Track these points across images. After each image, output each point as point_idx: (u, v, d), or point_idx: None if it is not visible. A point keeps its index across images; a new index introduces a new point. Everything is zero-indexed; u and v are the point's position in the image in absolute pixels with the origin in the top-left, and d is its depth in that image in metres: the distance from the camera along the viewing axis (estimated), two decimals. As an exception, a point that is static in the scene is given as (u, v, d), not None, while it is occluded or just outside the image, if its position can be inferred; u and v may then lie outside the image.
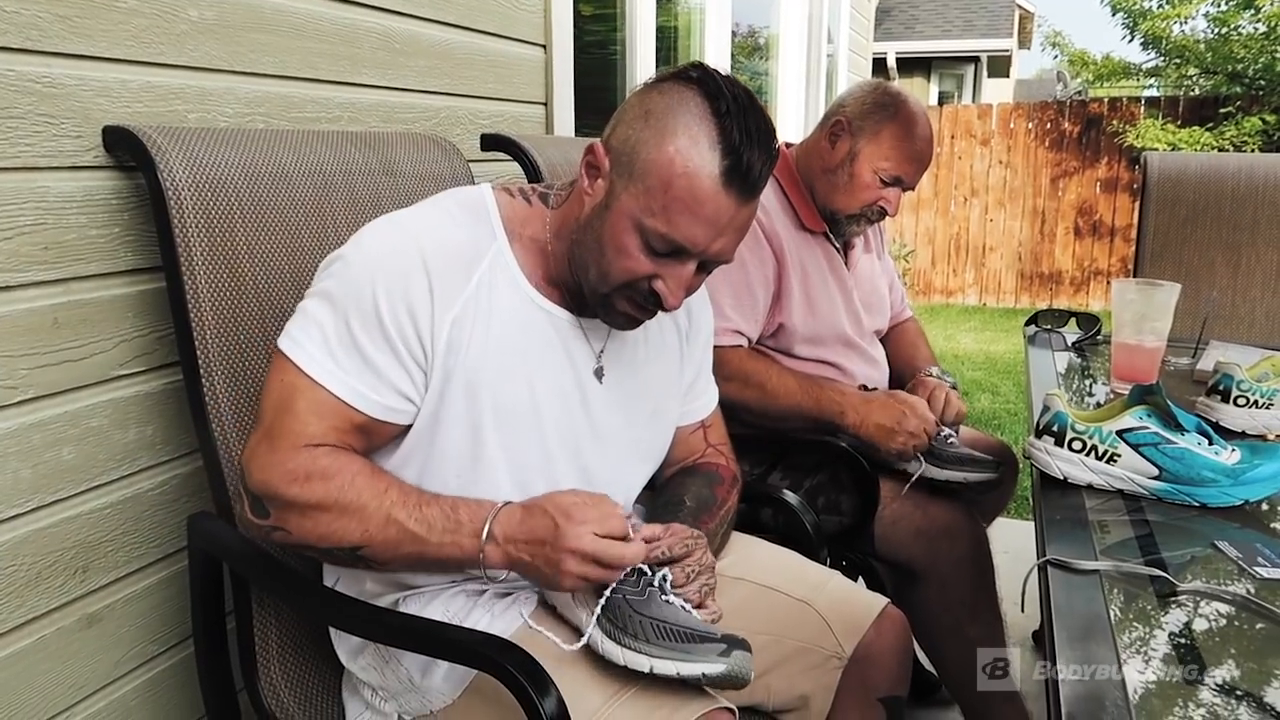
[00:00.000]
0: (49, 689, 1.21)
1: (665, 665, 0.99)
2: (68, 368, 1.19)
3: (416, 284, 1.03)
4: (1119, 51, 11.27)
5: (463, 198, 1.14)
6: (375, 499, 1.01)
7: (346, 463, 1.03)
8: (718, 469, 1.34)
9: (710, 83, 1.03)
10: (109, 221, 1.23)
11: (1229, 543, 1.05)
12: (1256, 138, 7.65)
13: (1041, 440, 1.24)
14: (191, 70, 1.33)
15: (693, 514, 1.21)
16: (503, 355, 1.08)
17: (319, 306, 1.04)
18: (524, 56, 2.13)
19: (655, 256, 1.04)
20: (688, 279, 1.07)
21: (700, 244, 1.03)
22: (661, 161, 1.01)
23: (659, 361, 1.25)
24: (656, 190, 1.01)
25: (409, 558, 1.03)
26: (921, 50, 13.00)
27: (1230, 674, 0.81)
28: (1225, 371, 1.46)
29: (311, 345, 1.03)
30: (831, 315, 1.81)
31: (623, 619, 1.02)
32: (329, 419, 1.03)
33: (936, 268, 9.06)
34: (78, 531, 1.22)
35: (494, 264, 1.10)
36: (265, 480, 1.02)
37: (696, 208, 1.01)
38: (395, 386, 1.05)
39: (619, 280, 1.05)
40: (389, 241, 1.06)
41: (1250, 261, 2.34)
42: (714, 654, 0.99)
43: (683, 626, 1.00)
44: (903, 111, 1.72)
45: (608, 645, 1.02)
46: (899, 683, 1.27)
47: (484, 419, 1.08)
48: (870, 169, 1.73)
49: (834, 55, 4.87)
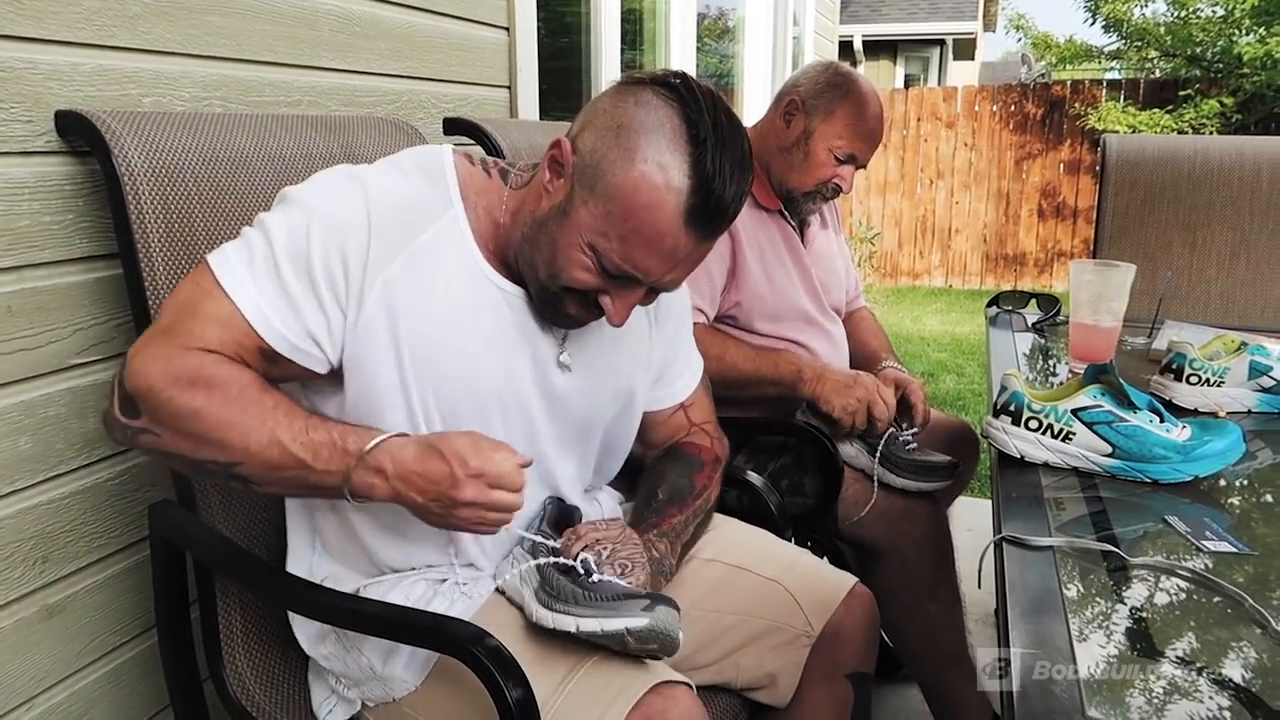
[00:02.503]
0: (9, 681, 1.19)
1: (589, 623, 1.00)
2: (23, 356, 1.18)
3: (354, 235, 1.01)
4: (1082, 34, 11.38)
5: (420, 158, 1.12)
6: (259, 416, 0.96)
7: (236, 374, 0.98)
8: (699, 452, 1.34)
9: (691, 102, 0.99)
10: (63, 208, 1.21)
11: (1179, 518, 1.07)
12: (1214, 120, 7.76)
13: (999, 420, 1.26)
14: (146, 53, 1.31)
15: (662, 507, 1.22)
16: (447, 327, 1.06)
17: (255, 233, 1.03)
18: (487, 39, 2.11)
19: (606, 277, 1.03)
20: (634, 301, 1.06)
21: (654, 275, 1.02)
22: (626, 187, 0.97)
23: (624, 342, 1.23)
24: (617, 216, 0.99)
25: (288, 481, 0.99)
26: (887, 33, 13.03)
27: (1181, 646, 0.83)
28: (1178, 350, 1.49)
29: (236, 260, 1.01)
30: (790, 292, 1.83)
31: (552, 585, 1.05)
32: (229, 331, 0.99)
33: (903, 250, 9.13)
34: (36, 522, 1.21)
35: (445, 230, 1.07)
36: (145, 375, 0.95)
37: (655, 241, 0.99)
38: (306, 326, 1.01)
39: (567, 282, 1.04)
40: (337, 188, 1.05)
41: (1205, 241, 2.39)
42: (637, 609, 1.00)
43: (612, 593, 1.02)
44: (855, 91, 1.75)
45: (540, 613, 1.04)
46: (866, 660, 1.29)
47: (426, 383, 1.06)
48: (825, 147, 1.76)
49: (800, 38, 4.88)
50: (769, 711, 1.28)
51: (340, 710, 1.16)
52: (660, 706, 0.99)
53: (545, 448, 1.18)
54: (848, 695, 1.27)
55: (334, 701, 1.17)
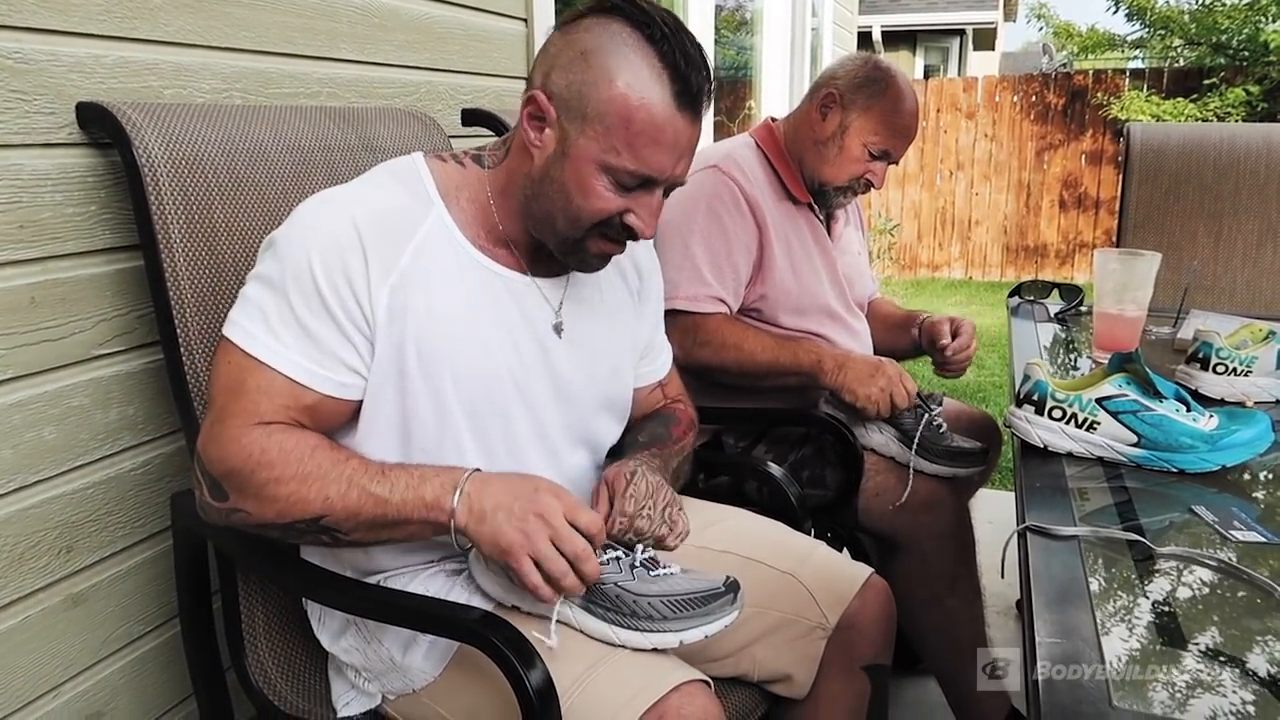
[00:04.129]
0: (35, 669, 1.21)
1: (692, 634, 1.04)
2: (46, 347, 1.18)
3: (351, 254, 1.03)
4: (1104, 23, 11.27)
5: (394, 168, 1.14)
6: (335, 467, 1.01)
7: (303, 437, 1.02)
8: (675, 412, 1.37)
9: (633, 10, 1.04)
10: (85, 199, 1.22)
11: (1206, 507, 1.06)
12: (1240, 108, 7.67)
13: (1022, 409, 1.25)
14: (167, 45, 1.31)
15: (643, 447, 1.23)
16: (452, 322, 1.08)
17: (259, 290, 1.04)
18: (505, 30, 2.11)
19: (625, 192, 1.06)
20: (657, 207, 1.09)
21: (667, 170, 1.06)
22: (615, 99, 1.02)
23: (616, 319, 1.26)
24: (617, 128, 1.03)
25: (372, 521, 1.01)
26: (906, 23, 12.94)
27: (1207, 637, 0.82)
28: (1204, 339, 1.47)
29: (253, 326, 1.02)
30: (815, 286, 1.82)
31: (627, 606, 1.03)
32: (278, 398, 1.02)
33: (922, 242, 9.07)
34: (61, 511, 1.22)
35: (432, 231, 1.09)
36: (222, 459, 1.01)
37: (659, 136, 1.03)
38: (341, 359, 1.04)
39: (591, 222, 1.07)
40: (320, 216, 1.06)
41: (1231, 231, 2.36)
42: (728, 604, 1.06)
43: (689, 593, 1.04)
44: (893, 87, 1.73)
45: (625, 635, 1.03)
46: (883, 652, 1.28)
47: (444, 385, 1.08)
48: (860, 142, 1.74)
49: (819, 29, 4.85)
50: (787, 704, 1.27)
51: (359, 703, 1.17)
52: (676, 704, 0.99)
53: (554, 418, 1.18)
54: (865, 688, 1.26)
55: (353, 694, 1.17)
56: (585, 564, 0.99)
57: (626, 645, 1.04)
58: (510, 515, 0.99)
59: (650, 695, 0.98)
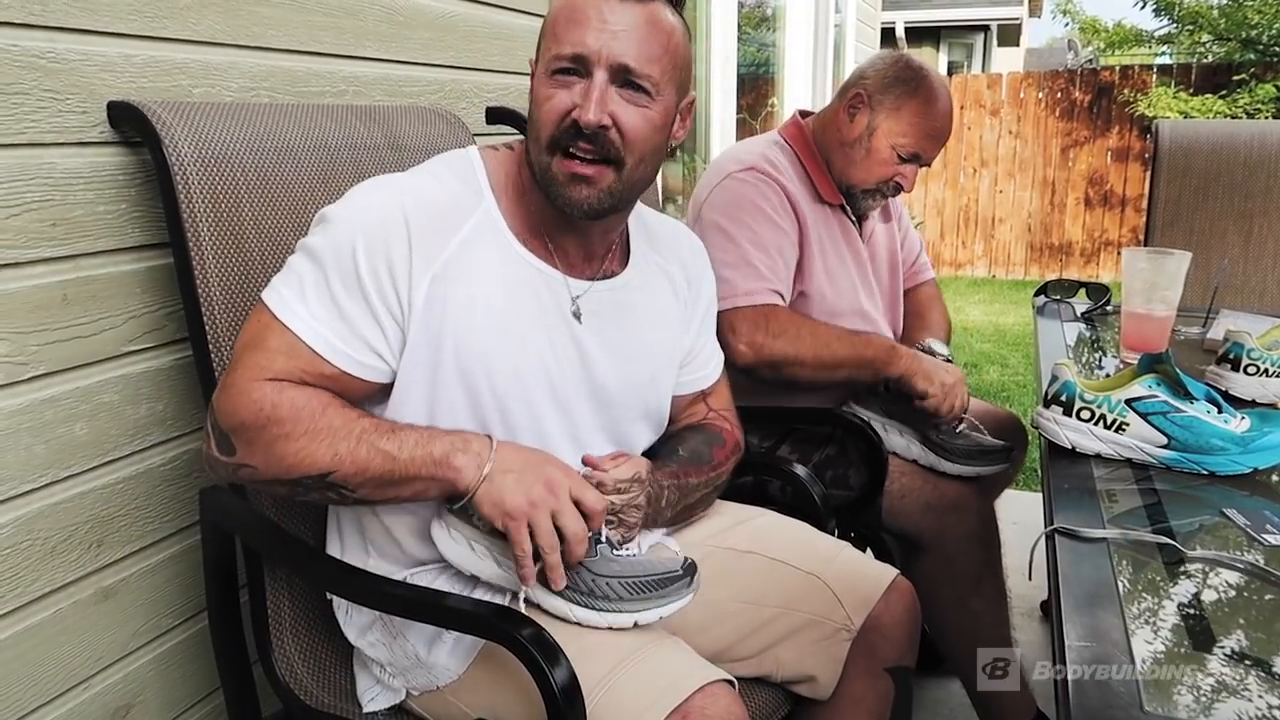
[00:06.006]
0: (67, 661, 1.22)
1: (647, 615, 1.06)
2: (78, 344, 1.20)
3: (397, 242, 1.05)
4: (1131, 18, 11.15)
5: (449, 159, 1.16)
6: (345, 424, 1.01)
7: (315, 394, 1.03)
8: (722, 431, 1.34)
9: None
10: (116, 197, 1.23)
11: (1237, 510, 1.05)
12: (1270, 105, 7.57)
13: (1050, 410, 1.24)
14: (196, 44, 1.32)
15: (682, 461, 1.23)
16: (492, 315, 1.09)
17: (301, 260, 1.06)
18: (528, 28, 2.11)
19: (567, 88, 1.06)
20: (599, 92, 1.05)
21: (591, 45, 1.04)
22: (551, 9, 1.09)
23: (659, 327, 1.26)
24: (549, 30, 1.08)
25: (380, 478, 1.01)
26: (930, 19, 12.86)
27: (1239, 642, 0.81)
28: (1235, 340, 1.45)
29: (288, 291, 1.04)
30: (849, 289, 1.80)
31: (588, 585, 1.05)
32: (296, 361, 1.03)
33: (945, 239, 9.01)
34: (91, 506, 1.24)
35: (480, 223, 1.11)
36: (232, 411, 1.01)
37: (576, 15, 1.05)
38: (366, 340, 1.05)
39: (547, 132, 1.07)
40: (373, 199, 1.08)
41: (1262, 230, 2.33)
42: (684, 587, 1.09)
43: (647, 575, 1.06)
44: (924, 87, 1.69)
45: (582, 613, 1.05)
46: (907, 654, 1.28)
47: (478, 378, 1.09)
48: (888, 144, 1.71)
49: (841, 25, 4.83)
50: (811, 704, 1.27)
51: (384, 698, 1.17)
52: (700, 704, 0.99)
53: (588, 438, 1.18)
54: (889, 689, 1.25)
55: (378, 690, 1.18)
56: (577, 545, 1.01)
57: (582, 623, 1.05)
58: (520, 480, 1.00)
59: (675, 697, 0.98)
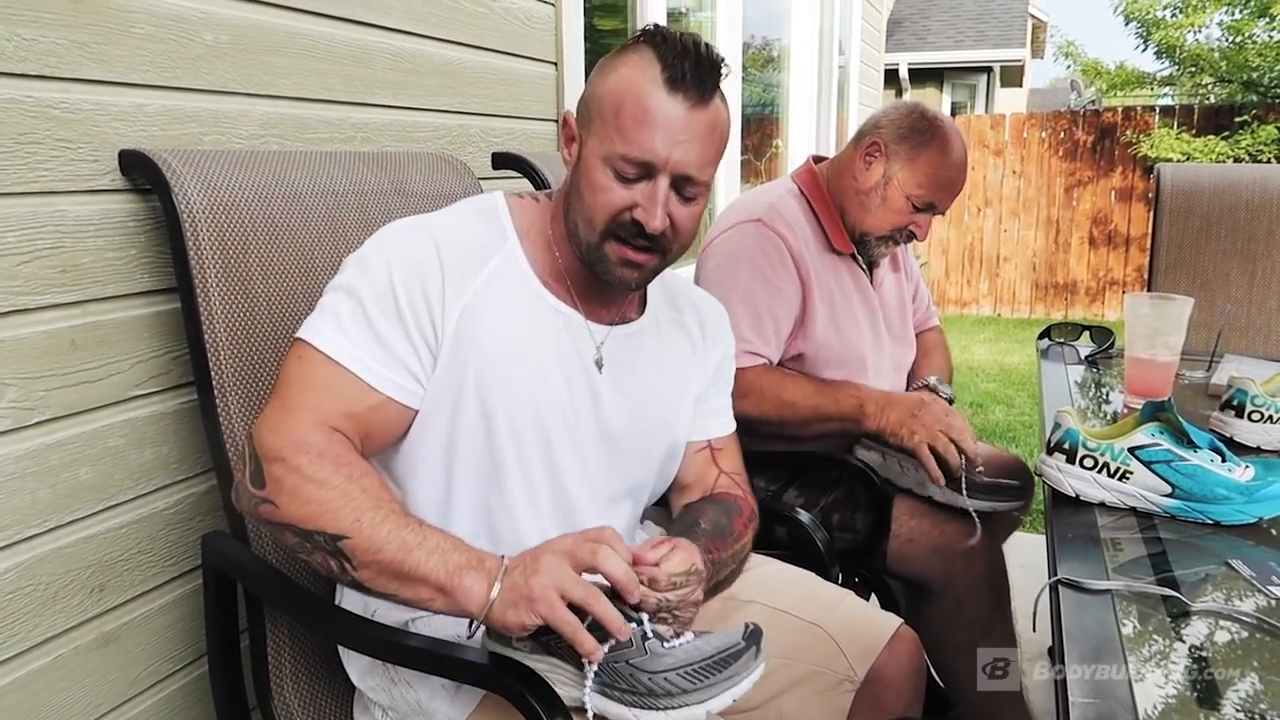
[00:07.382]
0: (66, 707, 1.21)
1: (719, 701, 0.95)
2: (85, 389, 1.21)
3: (431, 271, 1.09)
4: (1132, 61, 11.25)
5: (477, 203, 1.21)
6: (378, 499, 0.99)
7: (360, 461, 1.03)
8: (737, 500, 1.32)
9: (657, 33, 1.10)
10: (125, 244, 1.24)
11: (1243, 561, 1.04)
12: (1272, 146, 7.62)
13: (1053, 457, 1.24)
14: (206, 93, 1.34)
15: (707, 536, 1.20)
16: (512, 346, 1.12)
17: (335, 297, 1.09)
18: (535, 74, 2.14)
19: (626, 183, 1.08)
20: (663, 197, 1.08)
21: (660, 153, 1.07)
22: (610, 90, 1.09)
23: (672, 373, 1.27)
24: (609, 116, 1.08)
25: (390, 564, 0.97)
26: (934, 61, 12.98)
27: (1244, 695, 0.80)
28: (1239, 386, 1.45)
29: (325, 326, 1.07)
30: (856, 339, 1.80)
31: (644, 685, 0.95)
32: (343, 396, 1.05)
33: (950, 278, 9.04)
34: (95, 551, 1.23)
35: (505, 261, 1.15)
36: (276, 445, 1.01)
37: (645, 118, 1.06)
38: (404, 363, 1.08)
39: (602, 219, 1.09)
40: (405, 234, 1.13)
41: (1266, 273, 2.33)
42: (750, 659, 0.97)
43: (707, 658, 0.96)
44: (939, 137, 1.70)
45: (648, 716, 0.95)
46: (912, 704, 1.26)
47: (497, 413, 1.11)
48: (903, 194, 1.72)
49: (845, 67, 4.88)
50: (815, 754, 1.25)
51: (384, 744, 1.16)
52: None
53: (596, 459, 1.18)
54: (894, 741, 1.24)
55: (381, 734, 1.17)
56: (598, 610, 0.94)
57: None
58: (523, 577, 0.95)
59: None
